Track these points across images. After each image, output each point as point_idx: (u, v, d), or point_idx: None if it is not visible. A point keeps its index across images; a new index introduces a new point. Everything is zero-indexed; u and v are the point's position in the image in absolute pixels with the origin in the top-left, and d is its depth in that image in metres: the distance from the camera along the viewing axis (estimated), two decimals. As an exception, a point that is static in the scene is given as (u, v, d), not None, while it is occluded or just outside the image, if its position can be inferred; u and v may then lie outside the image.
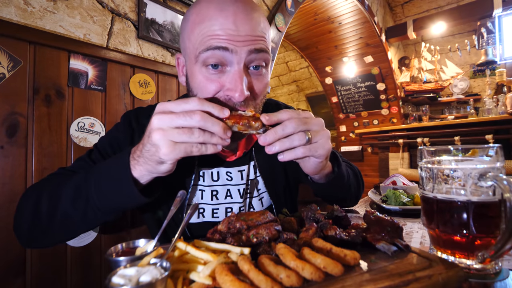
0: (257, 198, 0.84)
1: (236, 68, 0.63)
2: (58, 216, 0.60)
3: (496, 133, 3.53)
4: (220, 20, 0.61)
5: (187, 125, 0.49)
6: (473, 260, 0.49)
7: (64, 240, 0.67)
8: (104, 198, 0.57)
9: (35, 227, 0.62)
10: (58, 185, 0.62)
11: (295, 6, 2.86)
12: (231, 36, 0.61)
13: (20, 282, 1.19)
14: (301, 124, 0.56)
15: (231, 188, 0.81)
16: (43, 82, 1.29)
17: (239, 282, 0.35)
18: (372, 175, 4.95)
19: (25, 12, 1.25)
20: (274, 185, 0.86)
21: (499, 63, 3.81)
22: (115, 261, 0.44)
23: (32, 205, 0.62)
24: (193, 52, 0.66)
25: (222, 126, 0.51)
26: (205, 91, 0.65)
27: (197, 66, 0.66)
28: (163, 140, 0.50)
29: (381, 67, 4.69)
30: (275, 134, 0.54)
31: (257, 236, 0.48)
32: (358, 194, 0.96)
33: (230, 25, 0.61)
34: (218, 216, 0.78)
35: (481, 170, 0.47)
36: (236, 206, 0.80)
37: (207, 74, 0.65)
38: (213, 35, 0.61)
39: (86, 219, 0.60)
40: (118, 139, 0.79)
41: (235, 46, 0.61)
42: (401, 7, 5.15)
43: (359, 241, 0.52)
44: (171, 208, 0.57)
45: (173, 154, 0.51)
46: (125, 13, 1.61)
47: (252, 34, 0.62)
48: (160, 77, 1.74)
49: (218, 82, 0.64)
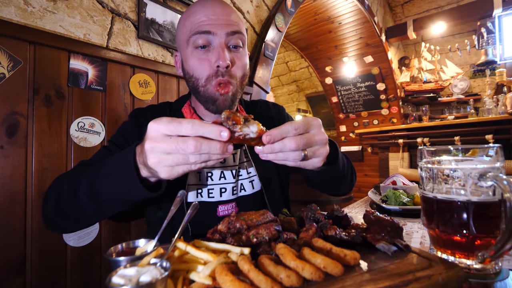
0: (247, 180, 0.91)
1: (218, 44, 0.79)
2: (76, 206, 0.65)
3: (496, 133, 3.53)
4: (202, 10, 0.79)
5: (181, 153, 0.48)
6: (473, 260, 0.49)
7: (82, 227, 0.73)
8: (113, 194, 0.60)
9: (57, 213, 0.68)
10: (78, 177, 0.66)
11: (295, 6, 2.86)
12: (212, 20, 0.78)
13: (20, 282, 1.19)
14: (301, 145, 0.54)
15: (224, 170, 0.88)
16: (43, 82, 1.29)
17: (239, 282, 0.35)
18: (372, 175, 4.95)
19: (25, 12, 1.25)
20: (263, 170, 0.92)
21: (499, 63, 3.80)
22: (115, 261, 0.44)
23: (56, 193, 0.69)
24: (185, 39, 0.81)
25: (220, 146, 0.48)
26: (199, 69, 0.80)
27: (189, 50, 0.81)
28: (160, 167, 0.51)
29: (381, 67, 4.69)
30: (272, 150, 0.53)
31: (257, 236, 0.48)
32: (351, 185, 0.96)
33: (210, 12, 0.78)
34: (214, 196, 0.85)
35: (481, 170, 0.47)
36: (230, 186, 0.87)
37: (197, 55, 0.80)
38: (198, 22, 0.78)
39: (100, 210, 0.65)
40: (128, 130, 0.89)
41: (215, 29, 0.78)
42: (401, 7, 5.15)
43: (359, 241, 0.52)
44: (171, 208, 0.57)
45: (172, 176, 0.52)
46: (125, 13, 1.61)
47: (228, 20, 0.79)
48: (160, 77, 1.74)
49: (206, 59, 0.80)
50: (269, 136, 0.51)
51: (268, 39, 2.49)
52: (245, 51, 0.86)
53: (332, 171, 0.74)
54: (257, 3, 2.51)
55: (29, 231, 1.23)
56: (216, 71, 0.79)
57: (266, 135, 0.52)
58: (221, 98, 0.81)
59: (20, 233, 1.20)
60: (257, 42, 2.49)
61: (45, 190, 1.26)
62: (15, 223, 1.19)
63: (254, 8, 2.48)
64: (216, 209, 0.85)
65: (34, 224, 1.24)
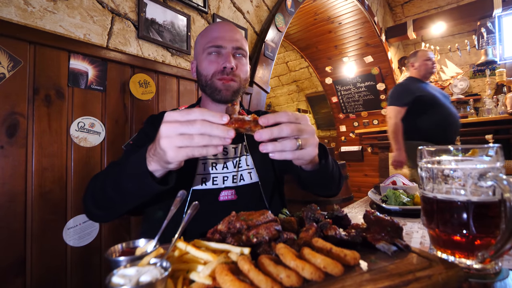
0: (246, 171, 1.02)
1: (226, 52, 1.00)
2: (107, 199, 0.77)
3: (496, 133, 3.53)
4: (216, 30, 1.03)
5: (189, 132, 0.57)
6: (473, 260, 0.49)
7: (117, 216, 0.85)
8: (132, 187, 0.70)
9: (94, 205, 0.81)
10: (106, 175, 0.80)
11: (295, 6, 2.86)
12: (223, 37, 1.00)
13: (20, 282, 1.19)
14: (295, 131, 0.61)
15: (226, 162, 1.01)
16: (43, 82, 1.29)
17: (239, 282, 0.35)
18: (372, 175, 4.95)
19: (25, 12, 1.25)
20: (260, 163, 1.03)
21: (499, 63, 3.80)
22: (115, 261, 0.44)
23: (92, 189, 0.83)
24: (201, 48, 1.03)
25: (222, 129, 0.57)
26: (209, 68, 1.00)
27: (203, 56, 1.02)
28: (169, 146, 0.58)
29: (381, 67, 4.69)
30: (271, 134, 0.59)
31: (257, 236, 0.48)
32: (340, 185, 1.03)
33: (222, 31, 1.02)
34: (217, 183, 0.97)
35: (481, 170, 0.47)
36: (231, 175, 0.99)
37: (209, 58, 1.01)
38: (212, 37, 1.01)
39: (125, 201, 0.76)
40: (146, 132, 1.02)
41: (225, 44, 1.00)
42: (401, 7, 5.15)
43: (359, 241, 0.52)
44: (171, 208, 0.57)
45: (177, 157, 0.59)
46: (125, 13, 1.61)
47: (234, 38, 1.02)
48: (160, 77, 1.74)
49: (216, 61, 1.00)
50: (265, 118, 0.59)
51: (268, 39, 2.49)
52: (246, 61, 1.08)
53: (324, 170, 0.80)
54: (257, 3, 2.51)
55: (29, 231, 1.23)
56: (222, 70, 0.98)
57: (262, 117, 0.60)
58: (224, 87, 0.99)
59: (20, 233, 1.20)
60: (257, 42, 2.49)
61: (45, 190, 1.28)
62: (15, 223, 1.19)
63: (254, 8, 2.48)
64: (218, 195, 0.96)
65: (34, 224, 1.24)
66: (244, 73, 1.05)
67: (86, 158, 1.41)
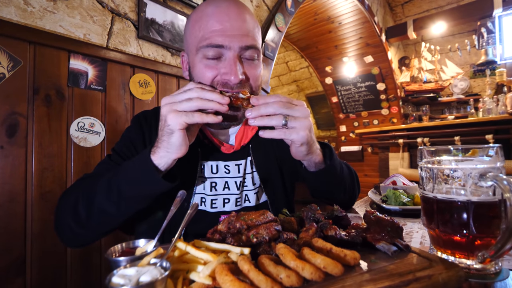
0: (252, 191, 0.87)
1: (231, 56, 0.73)
2: (96, 212, 0.67)
3: (496, 133, 3.53)
4: (216, 14, 0.73)
5: (187, 97, 0.61)
6: (473, 260, 0.49)
7: (103, 235, 0.73)
8: (133, 188, 0.65)
9: (76, 226, 0.68)
10: (91, 186, 0.69)
11: (295, 6, 2.86)
12: (225, 29, 0.71)
13: (20, 282, 1.19)
14: (282, 108, 0.63)
15: (228, 181, 0.85)
16: (43, 82, 1.29)
17: (239, 282, 0.35)
18: (372, 175, 4.95)
19: (25, 12, 1.25)
20: (269, 181, 0.89)
21: (499, 63, 3.80)
22: (115, 261, 0.44)
23: (71, 207, 0.69)
24: (194, 45, 0.76)
25: (217, 93, 0.61)
26: (204, 76, 0.74)
27: (197, 57, 0.76)
28: (169, 111, 0.61)
29: (381, 67, 4.69)
30: (258, 111, 0.63)
31: (257, 236, 0.48)
32: (353, 195, 0.95)
33: (224, 18, 0.72)
34: (217, 206, 0.82)
35: (481, 170, 0.47)
36: (233, 197, 0.84)
37: (206, 62, 0.74)
38: (211, 31, 0.72)
39: (120, 210, 0.67)
40: (131, 138, 0.86)
41: (229, 42, 0.71)
42: (401, 7, 5.15)
43: (359, 241, 0.52)
44: (171, 208, 0.57)
45: (177, 120, 0.60)
46: (125, 13, 1.61)
47: (243, 29, 0.73)
48: (160, 77, 1.74)
49: (215, 68, 0.74)
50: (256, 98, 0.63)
51: (268, 39, 2.49)
52: (259, 62, 0.79)
53: (330, 171, 0.77)
54: (257, 3, 2.51)
55: (29, 231, 1.23)
56: (224, 82, 0.74)
57: (253, 97, 0.64)
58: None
59: (20, 233, 1.20)
60: (257, 42, 2.49)
61: (45, 190, 1.27)
62: (15, 223, 1.19)
63: (254, 8, 2.48)
64: (218, 220, 0.82)
65: (34, 224, 1.24)
66: (256, 80, 0.78)
67: (86, 158, 1.41)
